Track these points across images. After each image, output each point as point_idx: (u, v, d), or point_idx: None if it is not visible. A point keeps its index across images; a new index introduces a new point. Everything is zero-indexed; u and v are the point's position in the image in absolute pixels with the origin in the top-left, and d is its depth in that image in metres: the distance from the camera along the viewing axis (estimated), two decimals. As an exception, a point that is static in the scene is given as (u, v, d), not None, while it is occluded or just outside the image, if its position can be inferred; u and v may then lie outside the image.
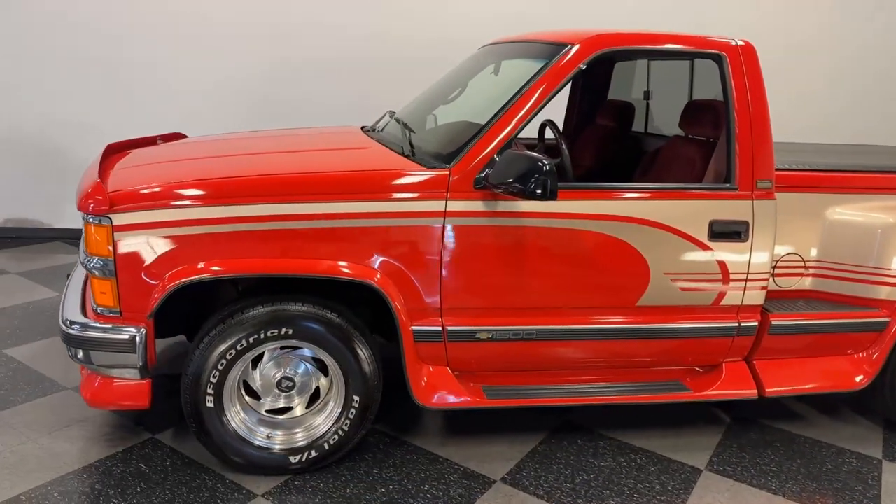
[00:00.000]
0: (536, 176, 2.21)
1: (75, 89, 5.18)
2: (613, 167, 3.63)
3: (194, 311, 2.55)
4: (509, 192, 2.29)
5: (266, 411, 2.47)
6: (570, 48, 2.51)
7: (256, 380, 2.43)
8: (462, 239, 2.39)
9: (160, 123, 4.04)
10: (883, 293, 2.83)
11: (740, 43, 2.63)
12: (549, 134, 4.26)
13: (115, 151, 2.91)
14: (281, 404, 2.48)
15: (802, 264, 2.89)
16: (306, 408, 2.50)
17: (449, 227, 2.36)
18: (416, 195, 2.35)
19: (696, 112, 2.99)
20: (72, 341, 2.28)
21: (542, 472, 2.59)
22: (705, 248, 2.58)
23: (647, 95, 3.72)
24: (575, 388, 2.71)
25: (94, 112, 5.20)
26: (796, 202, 2.81)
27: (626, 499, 2.46)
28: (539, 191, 2.21)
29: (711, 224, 2.57)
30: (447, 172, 2.37)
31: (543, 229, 2.45)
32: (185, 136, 3.55)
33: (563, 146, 2.79)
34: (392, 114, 3.30)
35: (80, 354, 2.30)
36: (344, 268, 2.29)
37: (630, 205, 2.50)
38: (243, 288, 2.59)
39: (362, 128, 3.37)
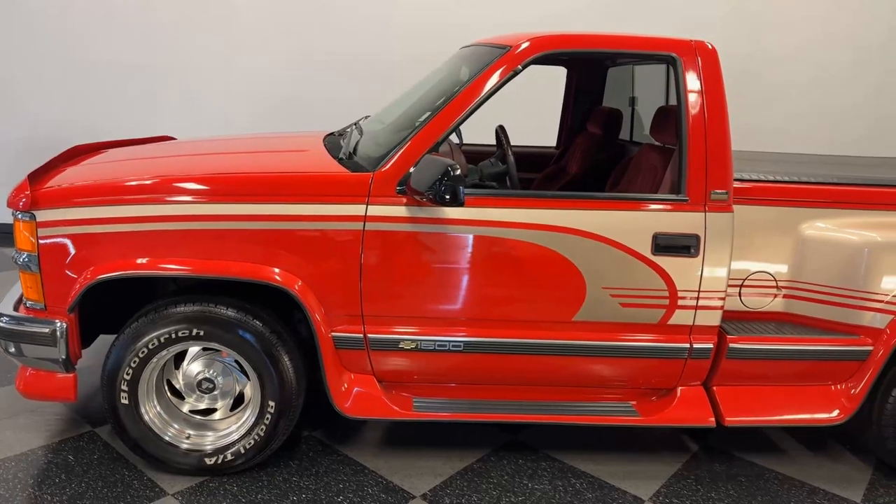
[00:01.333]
0: (446, 181, 2.13)
1: (96, 93, 5.39)
2: (598, 176, 3.48)
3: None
4: (425, 199, 2.22)
5: (190, 411, 2.49)
6: (508, 51, 2.42)
7: (179, 379, 2.45)
8: (382, 245, 2.32)
9: (181, 126, 4.16)
10: (865, 319, 2.56)
11: (703, 44, 2.46)
12: (561, 142, 4.15)
13: (83, 152, 3.01)
14: (203, 405, 2.48)
15: (774, 284, 2.65)
16: (230, 411, 2.50)
17: (369, 232, 2.31)
18: (333, 199, 2.30)
19: (662, 118, 2.81)
20: (1, 334, 2.37)
21: (467, 490, 2.47)
22: (648, 262, 2.41)
23: (631, 102, 3.55)
24: (515, 404, 2.59)
25: (113, 115, 5.40)
26: (766, 216, 2.59)
27: (548, 525, 2.32)
28: (448, 196, 2.14)
29: (655, 237, 2.40)
30: (369, 177, 2.32)
31: (470, 238, 2.35)
32: (173, 139, 3.66)
33: (510, 153, 2.68)
34: (367, 118, 3.28)
35: (12, 348, 2.38)
36: (256, 270, 2.28)
37: (563, 214, 2.37)
38: (180, 287, 2.62)
39: (331, 133, 3.37)
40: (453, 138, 3.47)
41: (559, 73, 4.08)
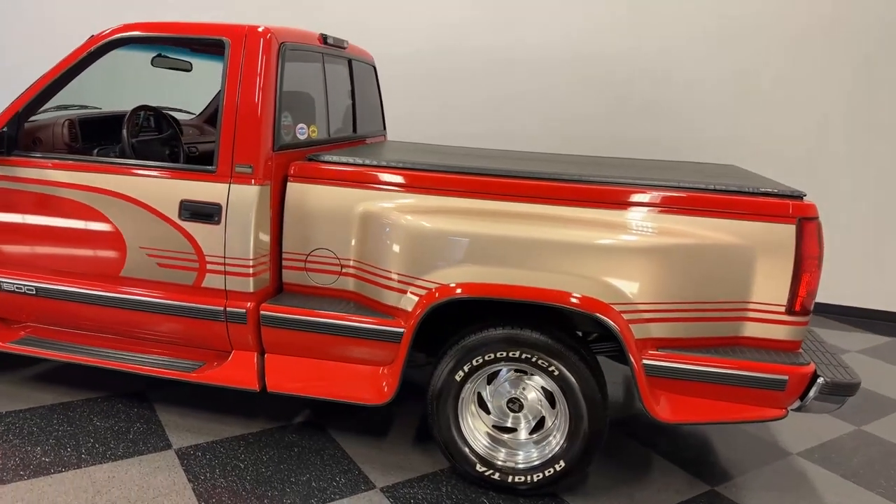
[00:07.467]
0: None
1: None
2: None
3: None
4: (-26, 156, 2.68)
5: None
6: (91, 37, 2.80)
7: None
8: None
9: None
10: (397, 300, 2.55)
11: (257, 31, 2.66)
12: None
13: None
14: None
15: (337, 262, 2.71)
16: None
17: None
18: None
19: None
20: None
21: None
22: (176, 226, 2.63)
23: (352, 96, 3.68)
24: (99, 350, 2.90)
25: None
26: (325, 195, 2.68)
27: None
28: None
29: (182, 203, 2.62)
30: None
31: (22, 193, 2.76)
32: None
33: (124, 130, 3.03)
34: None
35: None
36: None
37: (105, 178, 2.69)
38: None
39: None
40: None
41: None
